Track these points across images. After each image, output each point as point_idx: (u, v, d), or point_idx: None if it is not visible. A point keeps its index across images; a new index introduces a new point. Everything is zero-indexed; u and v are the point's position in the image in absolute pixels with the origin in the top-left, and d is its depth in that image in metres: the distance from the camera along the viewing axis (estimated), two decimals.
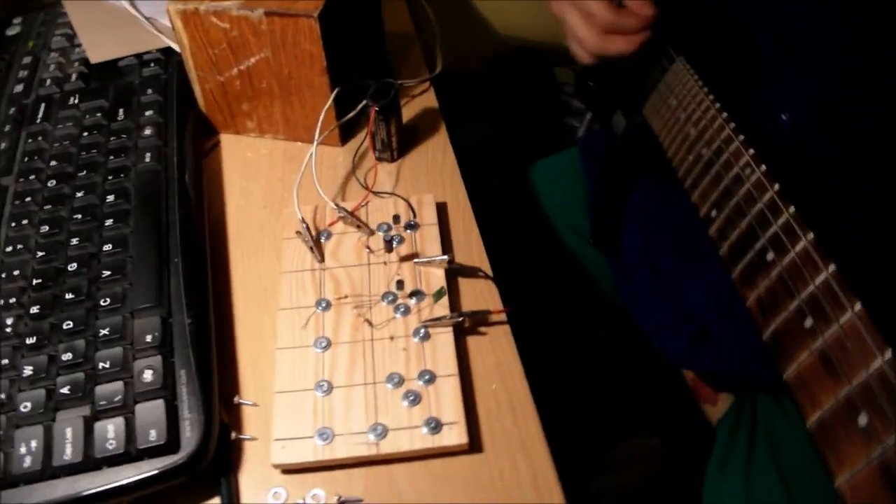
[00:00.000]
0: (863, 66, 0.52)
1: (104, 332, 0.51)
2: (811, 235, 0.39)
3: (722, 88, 0.56)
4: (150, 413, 0.47)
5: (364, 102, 0.65)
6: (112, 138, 0.65)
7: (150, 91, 0.69)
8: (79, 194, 0.61)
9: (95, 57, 0.73)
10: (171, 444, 0.46)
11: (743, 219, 0.45)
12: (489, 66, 1.44)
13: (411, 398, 0.50)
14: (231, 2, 0.62)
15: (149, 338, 0.51)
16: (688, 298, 0.71)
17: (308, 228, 0.59)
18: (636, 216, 0.79)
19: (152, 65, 0.73)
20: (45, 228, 0.58)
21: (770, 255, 0.41)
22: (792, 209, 0.41)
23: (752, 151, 0.47)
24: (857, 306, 0.34)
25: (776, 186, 0.43)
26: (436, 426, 0.48)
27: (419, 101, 0.77)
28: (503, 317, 0.56)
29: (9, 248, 0.58)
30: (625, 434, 1.02)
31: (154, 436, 0.46)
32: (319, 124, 0.65)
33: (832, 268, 0.36)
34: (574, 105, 1.32)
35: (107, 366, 0.50)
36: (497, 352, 0.55)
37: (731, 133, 0.50)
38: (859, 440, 0.31)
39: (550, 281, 0.87)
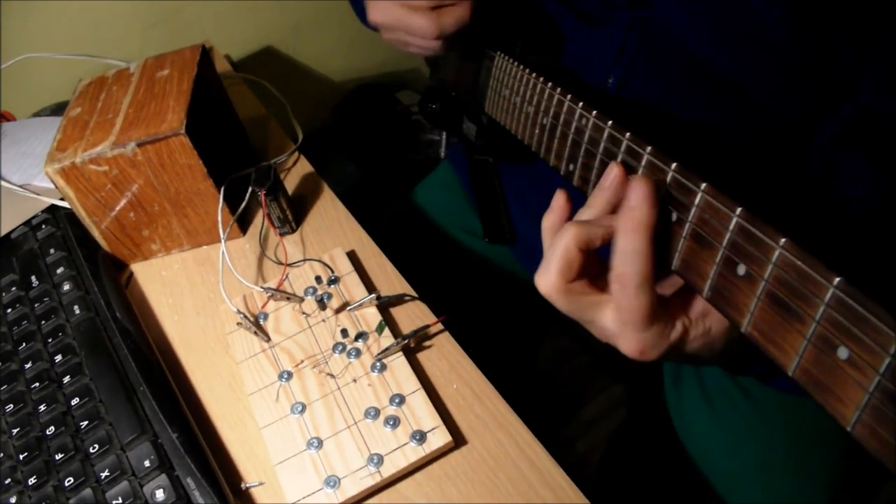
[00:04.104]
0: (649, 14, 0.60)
1: (105, 473, 0.56)
2: (649, 148, 0.45)
3: (547, 68, 0.62)
4: None
5: (251, 190, 0.71)
6: (36, 305, 0.69)
7: (52, 251, 0.73)
8: (27, 365, 0.64)
9: None
10: None
11: (594, 159, 0.51)
12: (336, 113, 1.51)
13: (391, 422, 0.57)
14: (102, 145, 0.67)
15: (147, 462, 0.56)
16: None
17: (246, 317, 0.64)
18: (517, 202, 0.87)
19: (43, 226, 0.76)
20: (10, 407, 0.62)
21: None
22: (628, 134, 0.47)
23: (581, 104, 0.53)
24: (703, 185, 0.40)
25: (609, 122, 0.50)
26: (421, 437, 0.55)
27: (295, 171, 0.83)
28: (440, 326, 0.64)
29: None
30: (589, 394, 1.11)
31: None
32: (220, 224, 0.71)
33: (674, 165, 0.43)
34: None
35: (120, 501, 0.54)
36: (447, 356, 0.62)
37: (560, 96, 0.56)
38: (747, 288, 0.37)
39: (468, 284, 0.95)
